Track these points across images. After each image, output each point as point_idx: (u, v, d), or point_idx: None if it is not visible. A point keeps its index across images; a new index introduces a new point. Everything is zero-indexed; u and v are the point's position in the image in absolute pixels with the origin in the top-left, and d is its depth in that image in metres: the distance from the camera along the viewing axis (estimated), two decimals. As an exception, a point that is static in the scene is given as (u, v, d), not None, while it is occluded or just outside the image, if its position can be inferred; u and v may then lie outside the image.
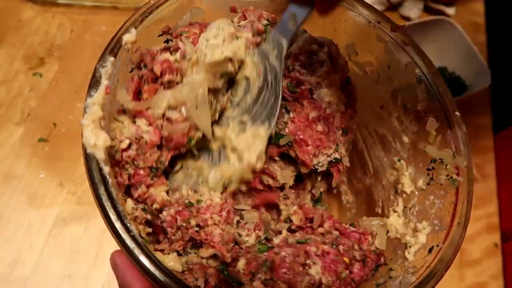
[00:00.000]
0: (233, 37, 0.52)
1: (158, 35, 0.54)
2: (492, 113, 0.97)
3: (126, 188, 0.50)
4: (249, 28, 0.53)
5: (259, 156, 0.52)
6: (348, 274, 0.47)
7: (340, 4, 0.54)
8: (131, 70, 0.52)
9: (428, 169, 0.54)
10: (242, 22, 0.55)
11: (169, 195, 0.53)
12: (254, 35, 0.53)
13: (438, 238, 0.49)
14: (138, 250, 0.40)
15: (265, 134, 0.53)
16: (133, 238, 0.41)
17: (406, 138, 0.58)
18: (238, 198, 0.56)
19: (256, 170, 0.53)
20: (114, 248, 0.45)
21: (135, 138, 0.49)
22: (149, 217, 0.49)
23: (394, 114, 0.60)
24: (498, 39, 1.08)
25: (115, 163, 0.48)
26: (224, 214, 0.51)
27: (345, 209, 0.73)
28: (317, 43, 0.56)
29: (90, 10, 1.00)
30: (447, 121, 0.52)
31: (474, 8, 1.11)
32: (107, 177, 0.42)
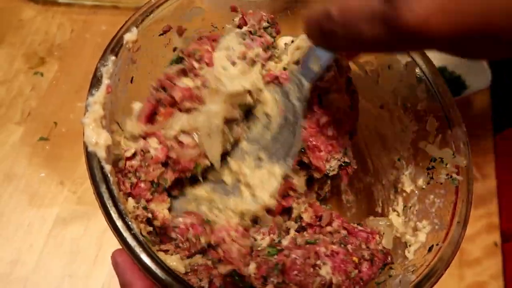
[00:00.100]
0: (249, 62, 0.52)
1: (159, 34, 0.54)
2: (492, 113, 0.97)
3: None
4: (258, 42, 0.53)
5: (272, 194, 0.52)
6: (357, 274, 0.47)
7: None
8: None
9: (428, 168, 0.55)
10: (248, 39, 0.53)
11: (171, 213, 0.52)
12: (265, 50, 0.53)
13: (438, 237, 0.49)
14: (139, 248, 0.40)
15: (280, 173, 0.53)
16: (134, 236, 0.41)
17: (406, 138, 0.58)
18: None
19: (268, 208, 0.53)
20: (114, 247, 0.45)
21: (141, 150, 0.49)
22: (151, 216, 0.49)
23: (394, 113, 0.60)
24: (498, 39, 1.08)
25: (119, 170, 0.48)
26: (240, 229, 0.51)
27: (345, 208, 0.73)
28: None
29: (91, 10, 1.00)
30: (447, 120, 0.52)
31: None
32: (108, 175, 0.43)
